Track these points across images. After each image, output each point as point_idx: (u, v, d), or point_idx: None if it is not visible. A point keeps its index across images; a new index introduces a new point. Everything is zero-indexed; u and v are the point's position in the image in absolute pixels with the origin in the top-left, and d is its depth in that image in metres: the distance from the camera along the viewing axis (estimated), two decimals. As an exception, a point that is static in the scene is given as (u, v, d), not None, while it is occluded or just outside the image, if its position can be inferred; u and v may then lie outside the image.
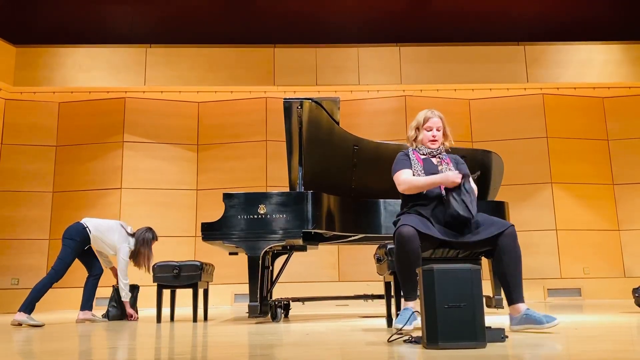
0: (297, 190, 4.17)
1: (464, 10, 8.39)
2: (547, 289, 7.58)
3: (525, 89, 8.07)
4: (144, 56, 7.75)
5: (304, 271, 7.35)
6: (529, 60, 7.89)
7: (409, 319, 2.72)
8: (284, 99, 4.18)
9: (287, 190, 4.38)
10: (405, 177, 3.13)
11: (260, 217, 3.93)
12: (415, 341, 2.34)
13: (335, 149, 4.38)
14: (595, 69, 7.89)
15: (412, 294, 2.88)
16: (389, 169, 3.24)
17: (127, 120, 7.91)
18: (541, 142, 8.00)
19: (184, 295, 4.74)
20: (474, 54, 7.91)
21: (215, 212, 4.21)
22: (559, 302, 6.90)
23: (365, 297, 4.54)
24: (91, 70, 7.70)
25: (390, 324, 3.37)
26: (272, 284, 4.47)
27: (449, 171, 3.08)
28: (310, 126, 4.20)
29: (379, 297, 4.24)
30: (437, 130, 3.25)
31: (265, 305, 4.05)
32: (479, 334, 2.16)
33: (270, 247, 4.06)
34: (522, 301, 2.83)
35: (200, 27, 8.25)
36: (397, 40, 8.06)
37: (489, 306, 4.22)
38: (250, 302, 3.83)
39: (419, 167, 3.15)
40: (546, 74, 7.89)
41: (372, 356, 2.06)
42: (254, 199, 3.98)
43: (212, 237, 3.98)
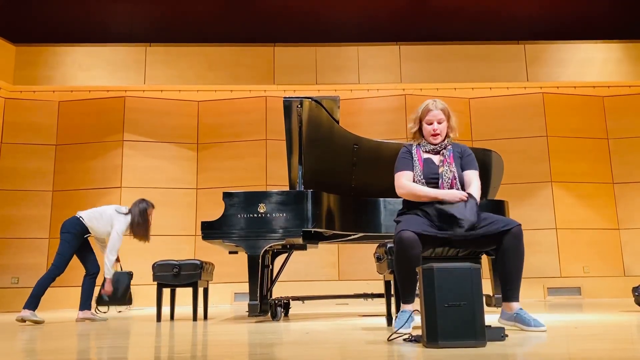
0: (297, 189, 4.17)
1: (464, 9, 8.39)
2: (547, 288, 7.59)
3: (525, 88, 8.07)
4: (144, 55, 7.75)
5: (303, 270, 7.35)
6: (529, 59, 7.88)
7: (406, 321, 2.71)
8: (284, 97, 4.18)
9: (287, 189, 4.38)
10: (405, 181, 2.99)
11: (260, 216, 3.93)
12: (415, 340, 2.34)
13: (335, 148, 4.37)
14: (595, 68, 7.89)
15: (410, 297, 2.88)
16: (389, 168, 3.23)
17: (127, 119, 7.91)
18: (541, 141, 8.00)
19: (184, 294, 4.74)
20: (474, 52, 7.91)
21: (215, 211, 4.20)
22: (558, 301, 6.90)
23: (365, 296, 4.54)
24: (91, 69, 7.69)
25: (390, 323, 3.37)
26: (272, 282, 4.47)
27: (455, 191, 2.88)
28: (310, 125, 4.19)
29: (379, 296, 4.24)
30: (439, 123, 3.06)
31: (265, 304, 4.05)
32: (479, 333, 2.16)
33: (270, 246, 4.06)
34: (517, 300, 2.85)
35: (200, 26, 8.24)
36: (397, 39, 8.05)
37: (488, 305, 4.22)
38: (250, 301, 3.83)
39: (418, 171, 3.00)
40: (546, 73, 7.88)
41: (372, 355, 2.06)
42: (254, 198, 3.98)
43: (212, 236, 3.98)
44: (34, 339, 3.14)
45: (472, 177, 3.03)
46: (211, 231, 3.97)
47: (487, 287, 3.51)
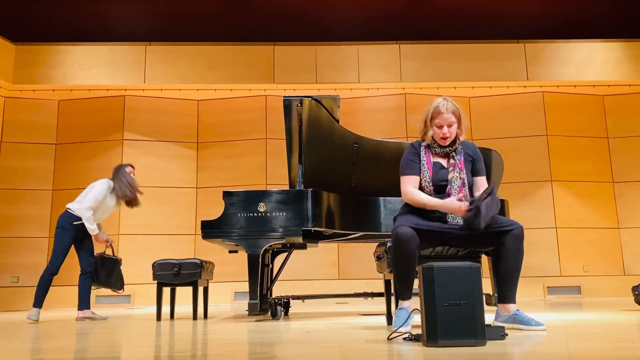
0: (297, 188, 4.17)
1: (464, 7, 8.38)
2: (547, 287, 7.59)
3: (525, 87, 8.06)
4: (144, 54, 7.75)
5: (303, 269, 7.35)
6: (529, 58, 7.88)
7: (406, 320, 2.71)
8: (284, 96, 4.17)
9: (287, 188, 4.38)
10: (411, 189, 2.93)
11: (260, 215, 3.93)
12: (415, 339, 2.34)
13: (335, 147, 4.37)
14: (595, 67, 7.89)
15: (408, 293, 2.87)
16: (389, 167, 3.24)
17: (126, 118, 7.91)
18: (541, 140, 7.99)
19: (184, 293, 4.74)
20: (474, 51, 7.91)
21: (215, 210, 4.20)
22: (558, 300, 6.91)
23: (365, 295, 4.54)
24: (91, 68, 7.69)
25: (390, 322, 3.37)
26: (272, 281, 4.47)
27: (459, 203, 2.80)
28: (310, 124, 4.19)
29: (379, 295, 4.24)
30: (449, 126, 2.91)
31: (265, 303, 4.05)
32: (479, 332, 2.16)
33: (270, 245, 4.06)
34: (514, 302, 2.85)
35: (200, 24, 8.24)
36: (397, 38, 8.05)
37: (488, 304, 4.22)
38: (250, 300, 3.83)
39: (427, 177, 2.92)
40: (546, 72, 7.88)
41: (372, 354, 2.06)
42: (254, 197, 3.98)
43: (212, 235, 3.98)
44: (34, 338, 3.14)
45: (481, 185, 3.00)
46: (211, 230, 3.98)
47: (487, 286, 3.51)
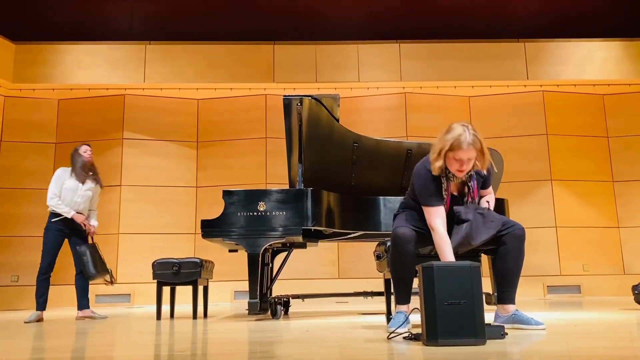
0: (297, 187, 4.17)
1: (464, 7, 8.38)
2: (547, 286, 7.59)
3: (525, 86, 8.06)
4: (144, 53, 7.74)
5: (303, 268, 7.35)
6: (528, 57, 7.87)
7: (402, 323, 2.71)
8: (284, 95, 4.17)
9: (286, 187, 4.37)
10: (440, 227, 2.70)
11: (260, 214, 3.93)
12: (414, 338, 2.34)
13: (335, 146, 4.37)
14: (595, 66, 7.88)
15: (406, 298, 2.86)
16: (388, 166, 3.23)
17: (126, 117, 7.90)
18: (541, 139, 7.99)
19: (184, 292, 4.74)
20: (474, 50, 7.90)
21: (214, 209, 4.20)
22: (558, 299, 6.91)
23: (364, 294, 4.54)
24: (91, 67, 7.68)
25: (390, 321, 3.37)
26: (272, 281, 4.47)
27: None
28: (310, 123, 4.19)
29: (379, 294, 4.24)
30: (468, 161, 2.69)
31: (265, 302, 4.05)
32: (479, 331, 2.16)
33: (270, 244, 4.06)
34: (514, 303, 2.85)
35: (199, 23, 8.23)
36: (397, 37, 8.04)
37: (488, 303, 4.22)
38: (250, 299, 3.83)
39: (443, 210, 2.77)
40: (546, 71, 7.88)
41: (372, 353, 2.06)
42: (254, 196, 3.98)
43: (212, 234, 3.98)
44: (34, 337, 3.14)
45: (486, 198, 2.97)
46: (211, 229, 3.97)
47: (487, 285, 3.51)
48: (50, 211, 4.82)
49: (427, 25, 8.32)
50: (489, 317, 2.54)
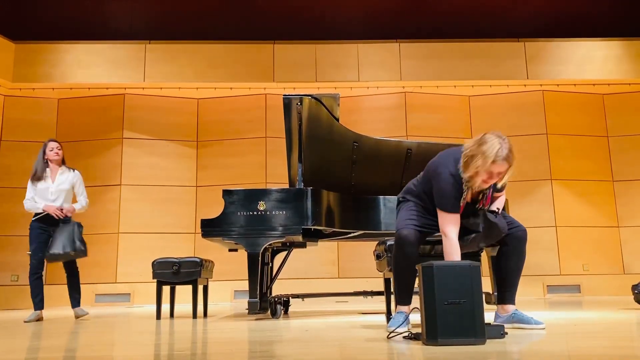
0: (297, 186, 4.17)
1: (464, 6, 8.37)
2: (547, 286, 7.59)
3: (525, 86, 8.06)
4: (144, 52, 7.74)
5: (303, 268, 7.35)
6: (528, 56, 7.87)
7: (402, 323, 2.71)
8: (284, 95, 4.17)
9: (286, 186, 4.37)
10: (452, 234, 2.67)
11: (259, 213, 3.93)
12: (414, 337, 2.34)
13: (334, 145, 4.37)
14: (595, 66, 7.88)
15: (406, 299, 2.85)
16: (388, 166, 3.22)
17: (126, 116, 7.90)
18: (541, 139, 7.99)
19: (184, 291, 4.74)
20: (474, 50, 7.90)
21: (214, 208, 4.20)
22: (558, 299, 6.91)
23: (364, 293, 4.54)
24: (90, 66, 7.68)
25: (389, 321, 3.37)
26: (272, 280, 4.48)
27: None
28: (310, 123, 4.19)
29: (379, 293, 4.24)
30: (499, 174, 2.67)
31: (264, 301, 4.06)
32: (479, 331, 2.16)
33: (269, 244, 4.06)
34: (514, 303, 2.85)
35: (199, 23, 8.22)
36: (397, 36, 8.04)
37: (488, 303, 4.22)
38: (249, 298, 3.83)
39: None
40: (546, 71, 7.87)
41: (372, 352, 2.06)
42: (254, 196, 3.98)
43: (212, 234, 3.98)
44: (34, 337, 3.14)
45: (497, 201, 2.95)
46: (211, 229, 3.98)
47: (487, 284, 3.51)
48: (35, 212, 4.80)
49: (427, 24, 8.31)
50: (489, 316, 2.54)
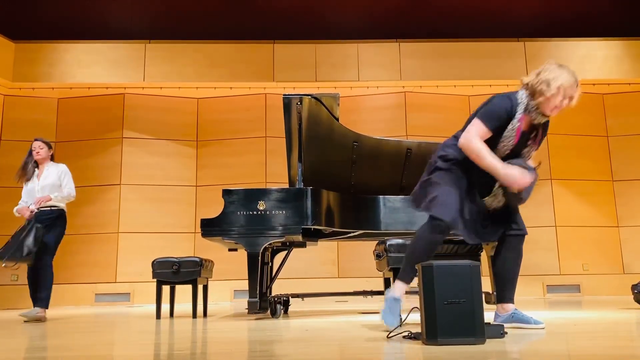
0: (297, 186, 4.17)
1: (464, 6, 8.37)
2: (546, 286, 7.59)
3: (525, 85, 8.05)
4: (143, 52, 7.74)
5: (303, 267, 7.35)
6: (528, 56, 7.87)
7: (400, 317, 2.70)
8: (284, 95, 4.17)
9: (286, 186, 4.37)
10: (479, 142, 2.60)
11: (259, 213, 3.93)
12: (414, 337, 2.34)
13: (334, 145, 4.37)
14: (595, 65, 7.88)
15: (411, 276, 2.74)
16: (388, 166, 3.22)
17: (126, 116, 7.90)
18: (541, 139, 7.98)
19: (184, 291, 4.74)
20: (474, 50, 7.90)
21: (214, 208, 4.20)
22: (558, 299, 6.91)
23: (364, 293, 4.54)
24: (90, 66, 7.68)
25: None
26: (272, 280, 4.48)
27: (521, 178, 2.63)
28: (309, 122, 4.19)
29: (379, 293, 4.24)
30: (570, 100, 2.61)
31: (264, 301, 4.06)
32: (478, 330, 2.16)
33: (269, 243, 4.06)
34: (513, 302, 2.86)
35: (199, 22, 8.22)
36: (397, 36, 8.04)
37: (488, 302, 4.22)
38: (249, 298, 3.83)
39: (510, 144, 2.67)
40: (546, 70, 7.86)
41: (372, 352, 2.06)
42: (254, 195, 3.98)
43: (212, 233, 3.98)
44: (34, 336, 3.14)
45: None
46: (211, 228, 3.97)
47: (487, 284, 3.51)
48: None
49: (427, 24, 8.31)
50: (489, 316, 2.54)
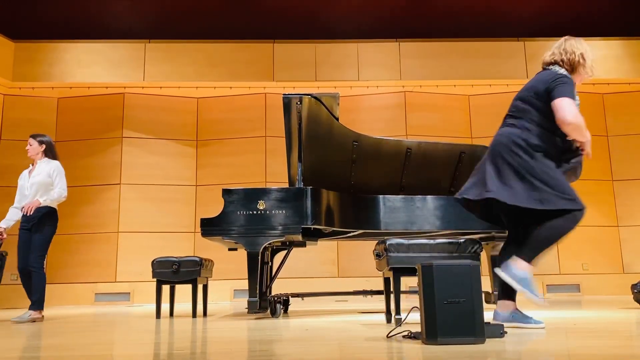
0: (297, 186, 4.17)
1: (464, 5, 8.38)
2: (546, 285, 7.59)
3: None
4: (143, 51, 7.73)
5: (303, 267, 7.36)
6: (528, 55, 7.87)
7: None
8: (284, 94, 4.17)
9: (286, 186, 4.38)
10: (577, 112, 2.79)
11: (259, 212, 3.93)
12: (414, 337, 2.35)
13: (334, 144, 4.37)
14: (594, 65, 7.87)
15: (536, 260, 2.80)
16: (388, 165, 3.22)
17: (126, 115, 7.90)
18: (540, 138, 7.98)
19: (184, 290, 4.74)
20: (474, 49, 7.90)
21: (214, 207, 4.20)
22: (557, 298, 6.91)
23: (364, 293, 4.55)
24: (90, 65, 7.67)
25: (389, 320, 3.37)
26: (272, 279, 4.48)
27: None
28: (309, 122, 4.19)
29: (378, 292, 4.24)
30: (592, 73, 3.04)
31: (264, 300, 4.06)
32: (478, 330, 2.17)
33: (269, 243, 4.06)
34: (515, 300, 2.86)
35: (199, 22, 8.22)
36: (397, 35, 8.04)
37: (488, 302, 4.23)
38: (249, 297, 3.83)
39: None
40: (546, 70, 7.86)
41: (371, 352, 2.07)
42: (253, 195, 3.98)
43: (212, 233, 3.98)
44: (33, 336, 3.14)
45: None
46: (211, 228, 3.98)
47: (487, 284, 3.51)
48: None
49: (427, 24, 8.31)
50: (488, 316, 2.54)
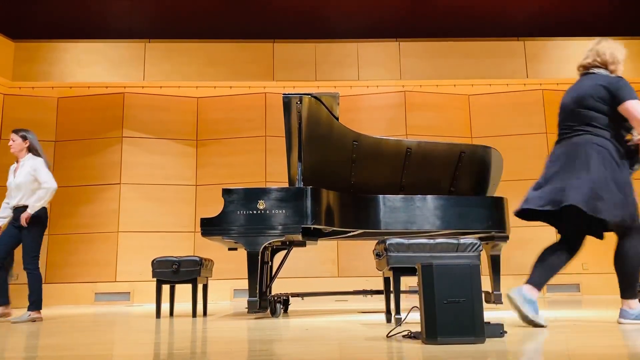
0: (297, 185, 4.17)
1: (464, 5, 8.37)
2: (546, 285, 7.58)
3: (524, 85, 8.05)
4: (143, 51, 7.73)
5: (303, 267, 7.36)
6: (528, 55, 7.87)
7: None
8: (283, 94, 4.17)
9: (286, 185, 4.38)
10: None
11: (259, 212, 3.93)
12: (414, 336, 2.35)
13: (334, 144, 4.37)
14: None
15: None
16: (388, 165, 3.22)
17: (126, 115, 7.90)
18: (540, 138, 7.99)
19: (184, 290, 4.75)
20: (474, 49, 7.90)
21: (214, 207, 4.20)
22: (557, 298, 6.92)
23: (364, 292, 4.55)
24: (90, 65, 7.67)
25: (389, 320, 3.37)
26: (272, 279, 4.48)
27: None
28: (309, 121, 4.19)
29: (378, 292, 4.24)
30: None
31: (264, 300, 4.06)
32: (478, 329, 2.17)
33: (269, 243, 4.06)
34: (629, 298, 2.98)
35: (199, 21, 8.22)
36: (397, 35, 8.04)
37: (487, 302, 4.24)
38: (249, 297, 3.84)
39: None
40: (546, 70, 7.87)
41: (371, 351, 2.07)
42: (253, 195, 3.98)
43: (212, 233, 3.98)
44: (33, 336, 3.14)
45: None
46: (210, 227, 3.98)
47: (487, 283, 3.51)
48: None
49: (427, 23, 8.31)
50: (488, 315, 2.54)
